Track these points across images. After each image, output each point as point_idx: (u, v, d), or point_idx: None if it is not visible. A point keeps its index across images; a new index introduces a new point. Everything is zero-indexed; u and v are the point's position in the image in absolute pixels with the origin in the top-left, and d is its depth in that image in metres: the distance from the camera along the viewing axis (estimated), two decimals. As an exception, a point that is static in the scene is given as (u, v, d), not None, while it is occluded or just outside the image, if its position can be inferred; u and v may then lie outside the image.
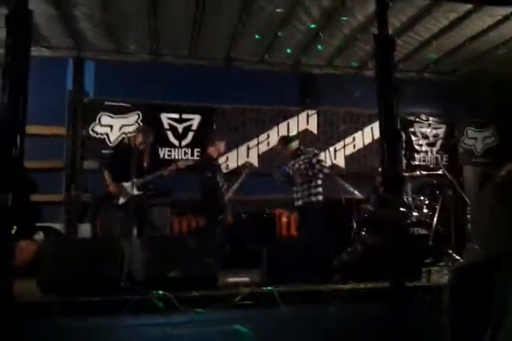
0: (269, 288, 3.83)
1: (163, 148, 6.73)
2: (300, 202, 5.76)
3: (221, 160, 6.86)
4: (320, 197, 5.70)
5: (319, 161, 5.84)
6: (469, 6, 5.48)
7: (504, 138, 7.85)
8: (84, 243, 4.64)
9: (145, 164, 5.13)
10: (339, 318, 3.68)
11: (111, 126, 6.72)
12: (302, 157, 5.84)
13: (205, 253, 4.07)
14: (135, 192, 4.91)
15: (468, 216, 5.72)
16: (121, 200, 4.96)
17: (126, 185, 4.96)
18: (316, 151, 5.96)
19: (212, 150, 5.87)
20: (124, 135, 6.71)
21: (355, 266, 4.37)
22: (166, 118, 6.89)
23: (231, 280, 4.42)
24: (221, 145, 5.91)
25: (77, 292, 3.60)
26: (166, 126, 6.88)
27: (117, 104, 6.79)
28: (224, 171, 6.70)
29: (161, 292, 3.68)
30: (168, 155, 6.73)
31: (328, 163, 7.35)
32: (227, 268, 4.86)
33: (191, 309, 3.66)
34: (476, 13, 5.63)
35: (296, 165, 5.86)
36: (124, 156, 5.02)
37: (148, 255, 4.00)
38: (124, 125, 6.75)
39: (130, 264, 4.41)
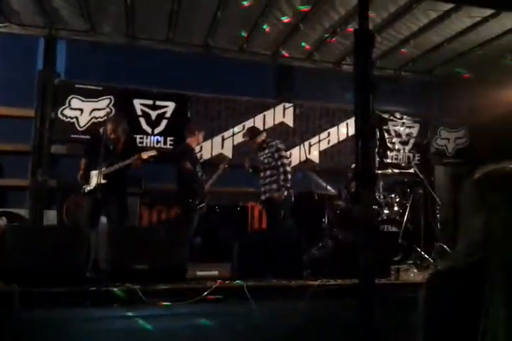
0: (238, 282, 3.78)
1: (135, 135, 6.55)
2: (263, 197, 5.72)
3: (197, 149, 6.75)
4: (284, 192, 5.58)
5: (281, 157, 5.72)
6: (450, 6, 5.51)
7: (475, 139, 8.01)
8: (48, 230, 4.47)
9: (118, 152, 4.98)
10: (308, 314, 3.66)
11: (81, 110, 6.48)
12: (266, 150, 5.76)
13: (174, 245, 3.97)
14: (101, 180, 4.79)
15: (438, 215, 5.81)
16: (88, 188, 4.86)
17: (94, 173, 4.85)
18: (279, 146, 5.80)
19: (191, 141, 5.76)
20: (94, 119, 6.49)
21: (325, 262, 4.37)
22: (139, 104, 6.69)
23: (200, 273, 4.35)
24: (200, 136, 5.82)
25: (41, 281, 3.46)
26: (139, 113, 6.68)
27: (89, 87, 6.55)
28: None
29: (126, 284, 3.57)
30: (140, 143, 6.53)
31: (302, 158, 7.38)
32: (196, 260, 4.80)
33: (158, 302, 3.57)
34: (455, 13, 5.67)
35: (261, 158, 5.81)
36: (96, 144, 4.92)
37: (114, 245, 3.88)
38: (95, 109, 6.52)
39: (96, 254, 4.28)
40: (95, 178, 4.80)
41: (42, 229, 4.61)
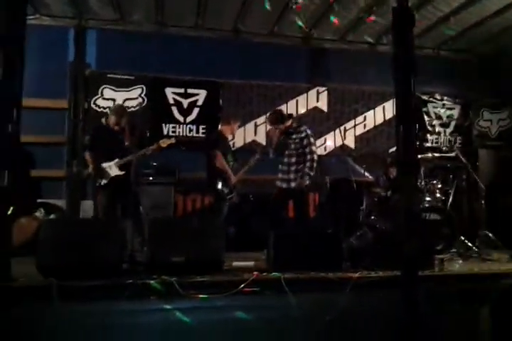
0: (275, 274, 3.68)
1: (168, 124, 6.50)
2: (288, 185, 5.34)
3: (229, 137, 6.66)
4: (306, 181, 5.28)
5: (310, 143, 5.38)
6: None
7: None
8: (84, 223, 4.47)
9: (126, 144, 4.95)
10: (347, 307, 3.55)
11: (114, 100, 6.47)
12: (294, 136, 5.41)
13: (210, 236, 3.90)
14: (116, 172, 4.79)
15: (483, 202, 5.53)
16: (104, 181, 4.85)
17: (106, 165, 4.85)
18: (308, 132, 5.44)
19: (225, 129, 5.64)
20: (127, 109, 6.46)
21: (365, 253, 4.21)
22: (170, 92, 6.62)
23: (236, 264, 4.29)
24: (235, 126, 5.67)
25: (78, 275, 3.46)
26: (171, 101, 6.62)
27: (120, 76, 6.52)
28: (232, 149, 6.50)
29: (162, 276, 3.54)
30: (173, 132, 6.50)
31: (338, 143, 7.16)
32: (231, 250, 4.74)
33: (195, 294, 3.53)
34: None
35: (287, 144, 5.42)
36: (102, 137, 4.92)
37: (149, 237, 3.84)
38: (128, 99, 6.51)
39: (132, 245, 4.28)
40: (110, 170, 4.80)
41: (77, 222, 4.61)
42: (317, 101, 7.21)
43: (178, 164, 6.03)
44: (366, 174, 6.09)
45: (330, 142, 7.23)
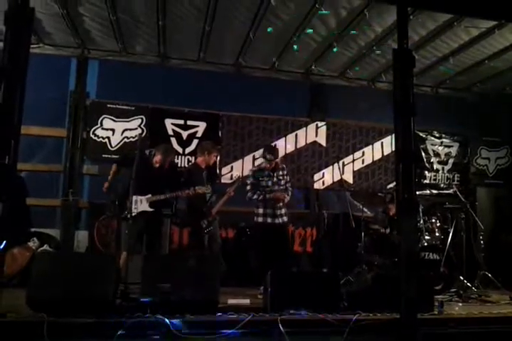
0: (272, 315, 3.57)
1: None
2: (276, 220, 5.17)
3: (225, 170, 6.64)
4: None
5: (289, 180, 5.44)
6: (492, 23, 5.28)
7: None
8: (77, 257, 4.37)
9: (161, 181, 4.98)
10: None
11: (113, 130, 6.49)
12: (281, 172, 5.42)
13: (205, 274, 3.81)
14: (145, 208, 4.76)
15: (482, 241, 5.48)
16: (131, 213, 4.59)
17: (138, 198, 4.81)
18: (285, 166, 5.52)
19: (200, 161, 5.45)
20: (126, 139, 6.47)
21: (363, 294, 4.11)
22: (170, 124, 6.65)
23: (231, 302, 4.17)
24: (211, 157, 5.47)
25: (69, 310, 3.34)
26: (170, 133, 6.64)
27: (120, 106, 6.56)
28: (228, 181, 6.44)
29: (157, 315, 3.42)
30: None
31: (336, 178, 7.15)
32: (225, 286, 4.62)
33: (188, 334, 3.40)
34: (498, 30, 5.42)
35: (275, 179, 5.31)
36: (141, 169, 4.63)
37: (143, 273, 3.74)
38: (127, 129, 6.52)
39: (127, 281, 4.16)
40: (141, 204, 4.76)
41: (71, 256, 4.51)
42: (316, 135, 7.25)
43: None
44: (365, 210, 6.04)
45: (328, 176, 7.22)
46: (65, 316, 3.26)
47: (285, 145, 7.04)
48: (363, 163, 7.41)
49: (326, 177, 7.19)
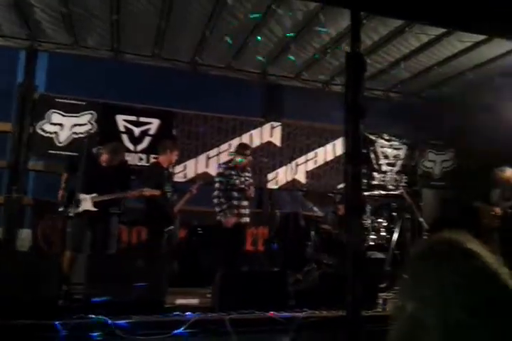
0: (219, 314, 3.57)
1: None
2: (239, 220, 5.30)
3: (178, 168, 6.56)
4: None
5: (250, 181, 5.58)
6: (441, 30, 5.49)
7: (461, 162, 7.98)
8: (19, 256, 4.21)
9: (109, 181, 4.82)
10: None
11: (61, 125, 6.26)
12: (246, 173, 5.53)
13: (153, 273, 3.76)
14: (89, 207, 4.61)
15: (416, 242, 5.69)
16: (74, 211, 4.59)
17: (83, 197, 4.63)
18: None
19: (162, 159, 5.40)
20: (74, 135, 6.26)
21: (311, 292, 4.18)
22: (122, 120, 6.49)
23: (179, 302, 4.13)
24: (173, 155, 5.42)
25: (9, 312, 3.21)
26: (122, 129, 6.48)
27: (70, 101, 6.34)
28: (181, 180, 6.39)
29: (100, 316, 3.33)
30: (122, 160, 6.32)
31: (289, 178, 7.24)
32: (175, 286, 4.57)
33: (133, 335, 3.34)
34: (447, 37, 5.65)
35: (242, 179, 5.43)
36: (87, 167, 4.64)
37: (87, 274, 3.65)
38: (76, 124, 6.31)
39: (70, 282, 4.04)
40: (85, 203, 4.61)
41: (12, 255, 4.34)
42: (271, 135, 7.30)
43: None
44: (316, 210, 6.14)
45: (282, 176, 7.29)
46: (5, 318, 3.13)
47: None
48: (315, 163, 7.53)
49: (279, 177, 7.26)
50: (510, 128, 6.25)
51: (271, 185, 7.24)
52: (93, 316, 3.34)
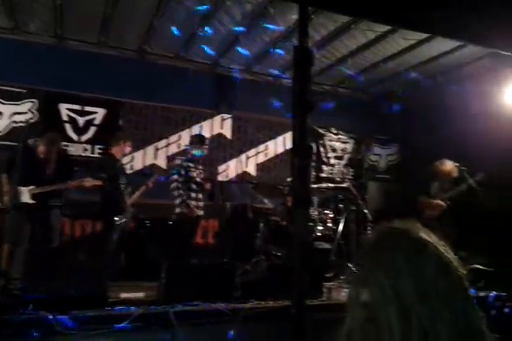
0: (164, 307, 3.53)
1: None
2: (196, 213, 5.37)
3: (126, 159, 6.39)
4: None
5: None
6: (387, 27, 5.64)
7: (405, 156, 8.29)
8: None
9: (50, 172, 4.65)
10: (238, 338, 3.50)
11: (0, 113, 5.95)
12: (201, 166, 5.54)
13: (95, 267, 3.66)
14: (27, 200, 4.44)
15: (369, 232, 5.88)
16: (12, 203, 4.42)
17: (21, 189, 4.47)
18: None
19: (116, 151, 5.33)
20: (14, 124, 5.97)
21: (258, 283, 4.22)
22: (65, 109, 6.25)
23: (124, 295, 4.05)
24: (126, 147, 5.38)
25: None
26: (65, 118, 6.24)
27: (10, 88, 6.03)
28: (128, 172, 6.24)
29: (40, 312, 3.22)
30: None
31: (239, 170, 7.25)
32: (121, 280, 4.49)
33: (75, 331, 3.25)
34: (392, 35, 5.81)
35: (198, 171, 5.49)
36: (25, 160, 4.43)
37: (26, 268, 3.51)
38: (16, 113, 6.02)
39: (9, 276, 3.88)
40: (22, 196, 4.44)
41: None
42: (221, 127, 7.27)
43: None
44: (266, 202, 6.19)
45: (232, 169, 7.29)
46: None
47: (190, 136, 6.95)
48: (266, 156, 7.58)
49: (230, 169, 7.25)
50: (452, 124, 6.54)
51: (221, 178, 7.23)
52: (32, 312, 3.23)
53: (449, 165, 6.01)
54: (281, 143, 7.67)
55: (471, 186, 5.61)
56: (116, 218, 5.05)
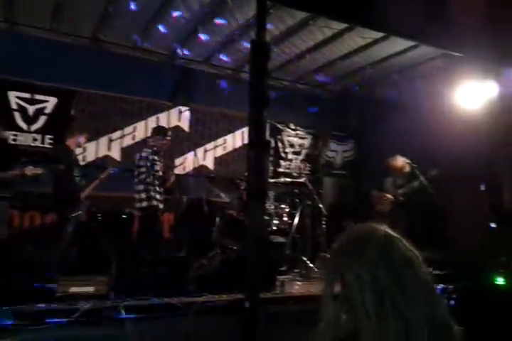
0: (114, 301, 3.46)
1: (7, 132, 5.83)
2: (160, 205, 5.28)
3: (78, 151, 6.19)
4: None
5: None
6: (344, 25, 5.72)
7: (361, 152, 8.48)
8: None
9: None
10: (191, 333, 3.48)
11: None
12: (162, 158, 5.45)
13: (43, 260, 3.54)
14: None
15: (324, 226, 5.98)
16: None
17: None
18: None
19: (70, 142, 5.16)
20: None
21: (212, 277, 4.21)
22: (14, 96, 5.97)
23: (73, 290, 3.93)
24: (82, 138, 5.23)
25: None
26: (14, 106, 5.97)
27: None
28: (80, 163, 6.05)
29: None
30: (14, 140, 5.83)
31: (197, 164, 7.18)
32: (72, 273, 4.36)
33: (20, 325, 3.13)
34: (349, 33, 5.89)
35: (158, 163, 5.34)
36: None
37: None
38: (-41, 100, 5.70)
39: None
40: None
41: None
42: (179, 120, 7.17)
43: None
44: (222, 195, 6.17)
45: (189, 162, 7.21)
46: None
47: (145, 129, 6.83)
48: (224, 150, 7.55)
49: (187, 162, 7.17)
50: (406, 122, 6.72)
51: (178, 171, 7.14)
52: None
53: (400, 161, 6.19)
54: (240, 137, 7.66)
55: (423, 183, 5.80)
56: (70, 210, 4.90)
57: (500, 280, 4.78)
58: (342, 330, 1.05)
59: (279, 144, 7.97)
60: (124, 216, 5.86)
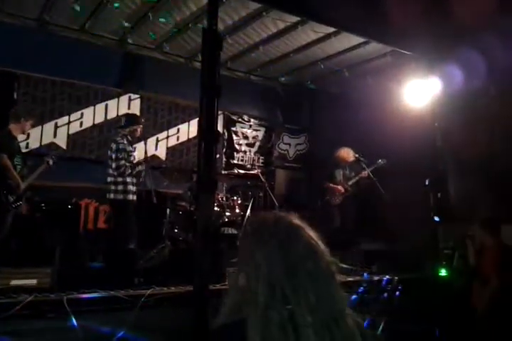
0: (57, 294, 3.34)
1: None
2: (131, 197, 5.19)
3: (20, 137, 5.90)
4: None
5: None
6: (297, 18, 5.73)
7: (313, 145, 8.61)
8: None
9: None
10: (137, 326, 3.42)
11: None
12: (132, 149, 5.33)
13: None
14: None
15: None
16: None
17: None
18: None
19: (14, 128, 4.87)
20: None
21: (160, 269, 4.15)
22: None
23: (14, 283, 3.76)
24: (27, 124, 4.95)
25: None
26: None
27: None
28: (23, 151, 5.77)
29: None
30: None
31: (148, 154, 7.01)
32: (13, 266, 4.16)
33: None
34: (302, 26, 5.91)
35: (133, 154, 5.29)
36: None
37: None
38: None
39: None
40: None
41: None
42: (128, 108, 6.96)
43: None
44: (174, 187, 6.08)
45: (140, 152, 7.03)
46: None
47: (93, 116, 6.59)
48: (177, 140, 7.41)
49: (136, 152, 6.98)
50: (356, 116, 6.88)
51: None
52: None
53: (344, 152, 6.37)
54: (194, 128, 7.54)
55: (368, 174, 5.98)
56: (11, 200, 4.66)
57: (443, 272, 5.00)
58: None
59: (233, 136, 7.93)
60: (69, 206, 5.66)
